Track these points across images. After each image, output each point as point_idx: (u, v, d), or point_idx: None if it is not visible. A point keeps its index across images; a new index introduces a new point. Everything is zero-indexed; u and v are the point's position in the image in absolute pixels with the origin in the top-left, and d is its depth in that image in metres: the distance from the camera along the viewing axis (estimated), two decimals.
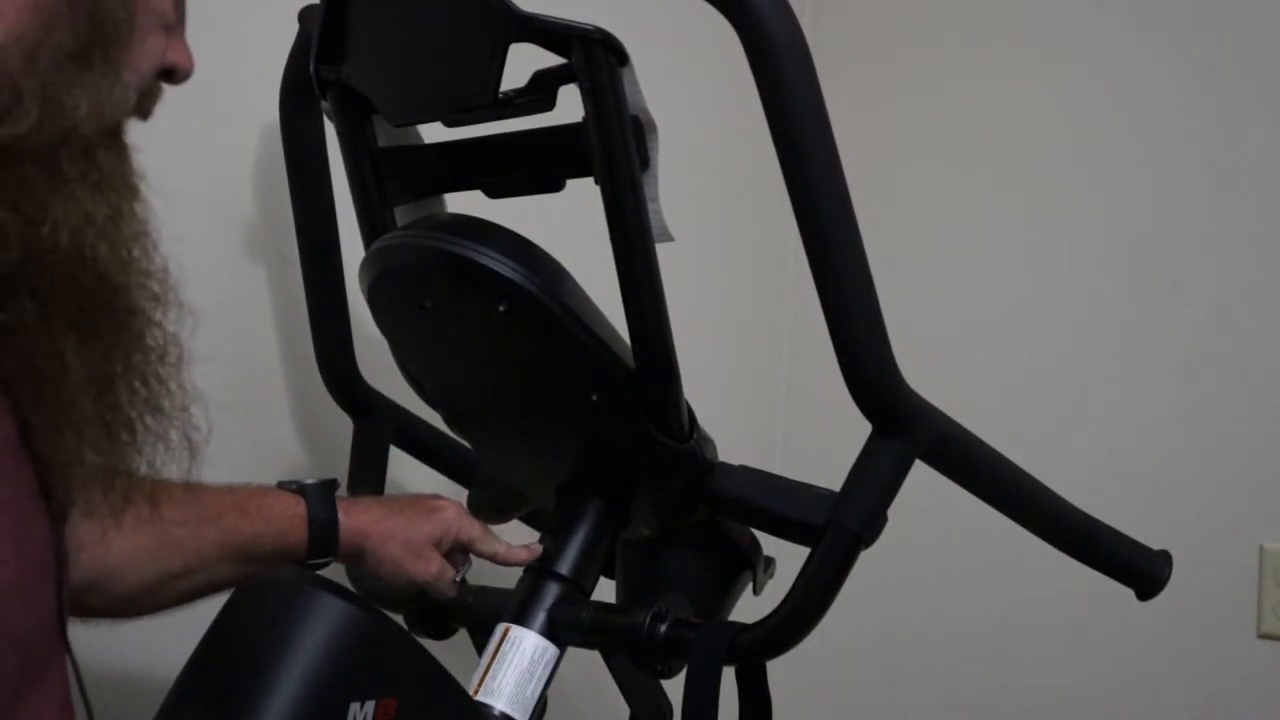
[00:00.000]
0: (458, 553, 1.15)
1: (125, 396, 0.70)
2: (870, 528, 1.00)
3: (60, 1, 0.64)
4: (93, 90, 0.65)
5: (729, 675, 1.03)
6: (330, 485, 1.10)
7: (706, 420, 1.11)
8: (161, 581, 1.01)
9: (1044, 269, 1.91)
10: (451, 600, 1.21)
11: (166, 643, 1.04)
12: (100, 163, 0.67)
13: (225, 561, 1.03)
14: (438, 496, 1.17)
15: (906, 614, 1.93)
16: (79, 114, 0.65)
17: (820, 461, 1.12)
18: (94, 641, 1.17)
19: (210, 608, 0.92)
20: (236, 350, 1.36)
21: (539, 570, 1.10)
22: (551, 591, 1.08)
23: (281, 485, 1.10)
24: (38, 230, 0.63)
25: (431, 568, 1.11)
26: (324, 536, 1.07)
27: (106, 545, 0.96)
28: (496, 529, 1.19)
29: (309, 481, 1.10)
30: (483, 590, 1.22)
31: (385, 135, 1.13)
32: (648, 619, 1.04)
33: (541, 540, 1.13)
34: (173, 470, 0.78)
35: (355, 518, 1.09)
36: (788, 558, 1.12)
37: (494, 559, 1.14)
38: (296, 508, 1.07)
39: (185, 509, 1.00)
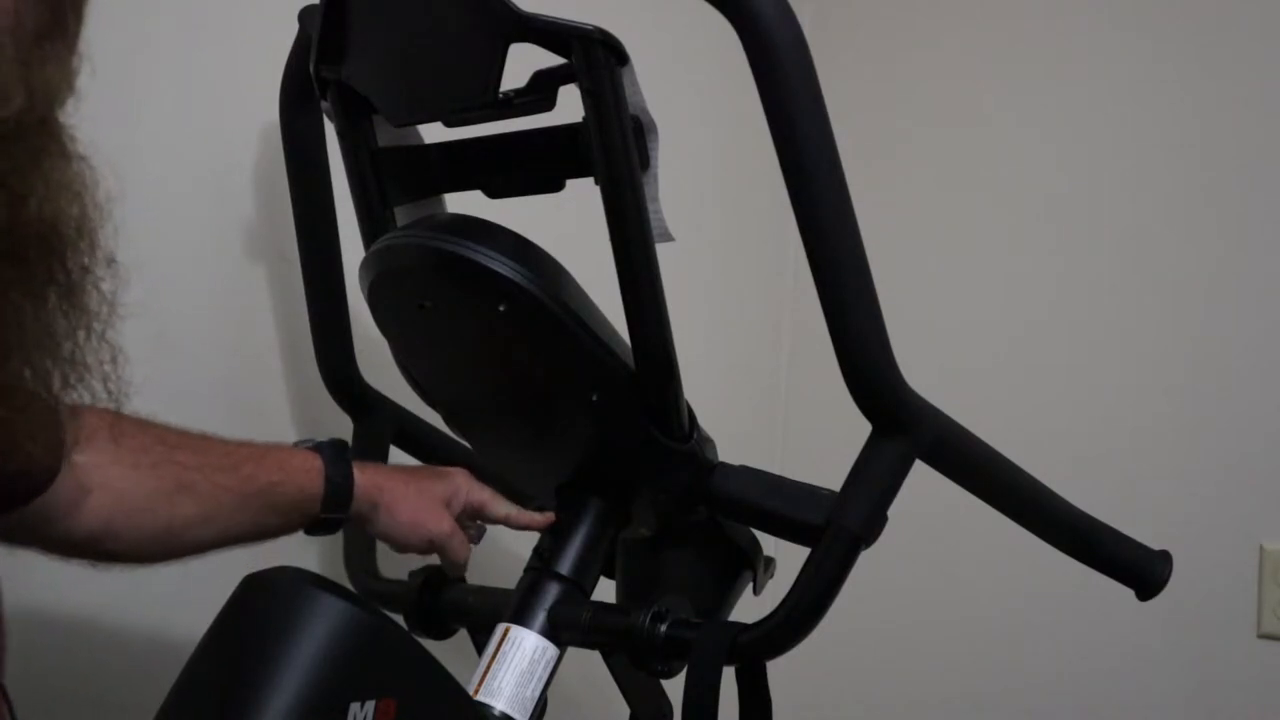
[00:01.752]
0: (469, 522, 1.16)
1: (67, 348, 0.72)
2: (870, 528, 1.00)
3: None
4: (58, 66, 0.67)
5: (729, 675, 1.03)
6: (343, 444, 1.11)
7: (706, 420, 1.11)
8: (176, 527, 1.00)
9: (1044, 269, 1.91)
10: (451, 600, 1.21)
11: (166, 641, 1.04)
12: (59, 132, 0.69)
13: (241, 509, 1.03)
14: (446, 467, 1.18)
15: (906, 614, 1.93)
16: (53, 91, 0.67)
17: (820, 461, 1.12)
18: (95, 640, 1.17)
19: (209, 608, 0.92)
20: (236, 350, 1.36)
21: (539, 570, 1.10)
22: (551, 591, 1.08)
23: (297, 444, 1.11)
24: (25, 205, 0.65)
25: (444, 524, 1.12)
26: (339, 490, 1.08)
27: (117, 489, 0.96)
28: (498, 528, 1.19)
29: (323, 440, 1.10)
30: (483, 590, 1.22)
31: (385, 135, 1.13)
32: (648, 619, 1.04)
33: (541, 540, 1.13)
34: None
35: (369, 475, 1.10)
36: (788, 558, 1.12)
37: (506, 522, 1.15)
38: (313, 461, 1.07)
39: (200, 455, 1.01)
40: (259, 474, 1.04)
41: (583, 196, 1.04)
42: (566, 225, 1.18)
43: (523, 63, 0.99)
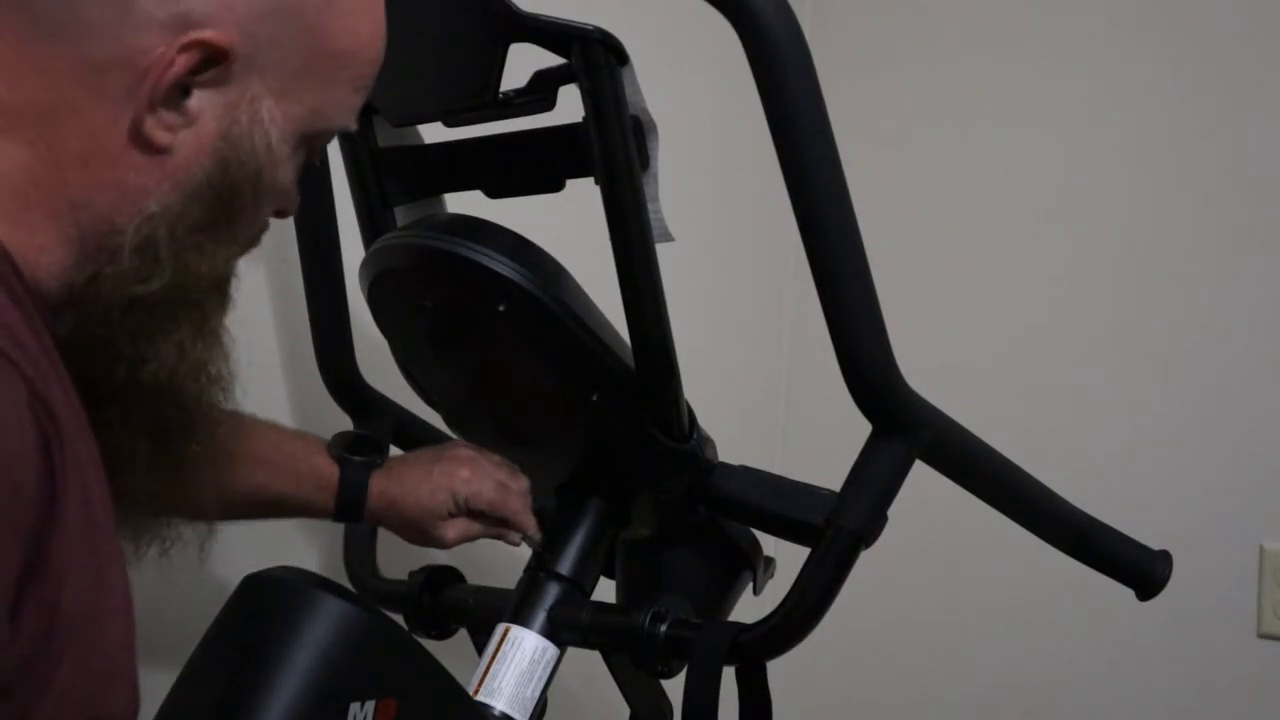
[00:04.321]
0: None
1: (166, 487, 0.83)
2: (870, 528, 1.01)
3: (203, 184, 0.75)
4: (212, 257, 0.77)
5: (729, 675, 1.03)
6: (369, 465, 1.13)
7: (706, 420, 1.11)
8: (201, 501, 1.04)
9: (1044, 269, 1.91)
10: (451, 600, 1.21)
11: (166, 641, 1.04)
12: (207, 313, 0.79)
13: (250, 506, 1.09)
14: (460, 453, 1.16)
15: (906, 614, 1.93)
16: (199, 275, 0.77)
17: (820, 461, 1.12)
18: None
19: (210, 607, 0.92)
20: (236, 350, 1.36)
21: (539, 570, 1.10)
22: (551, 591, 1.08)
23: (334, 439, 1.14)
24: (145, 366, 0.76)
25: (449, 534, 1.14)
26: (349, 507, 1.12)
27: None
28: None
29: (356, 459, 1.12)
30: (483, 590, 1.22)
31: (385, 135, 1.13)
32: (648, 619, 1.04)
33: (542, 540, 1.13)
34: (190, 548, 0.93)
35: (382, 488, 1.13)
36: (788, 558, 1.12)
37: (510, 519, 1.16)
38: (330, 476, 1.11)
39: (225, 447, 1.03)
40: (272, 484, 1.09)
41: (583, 196, 1.04)
42: (566, 225, 1.18)
43: (523, 63, 0.99)
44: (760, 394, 2.12)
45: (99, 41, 0.71)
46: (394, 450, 1.34)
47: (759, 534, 1.17)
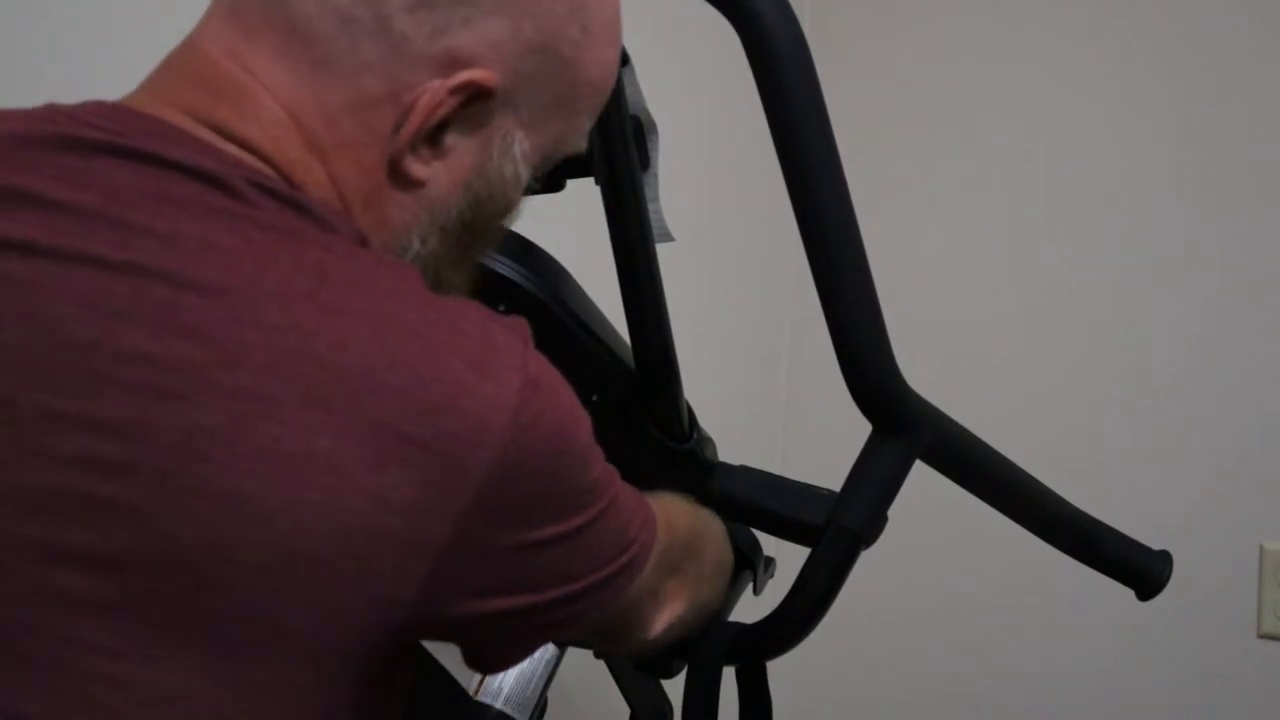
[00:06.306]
0: None
1: None
2: (870, 528, 1.00)
3: (456, 221, 0.75)
4: (461, 290, 0.79)
5: (729, 675, 1.03)
6: None
7: (706, 420, 1.11)
8: None
9: (1044, 268, 1.91)
10: None
11: None
12: None
13: None
14: None
15: (906, 614, 1.93)
16: None
17: (820, 461, 1.12)
18: None
19: None
20: None
21: None
22: None
23: None
24: None
25: None
26: None
27: None
28: None
29: None
30: None
31: None
32: None
33: None
34: None
35: None
36: (788, 558, 1.12)
37: None
38: None
39: None
40: None
41: (583, 197, 1.04)
42: (566, 225, 1.18)
43: None
44: (760, 394, 2.12)
45: (373, 77, 0.69)
46: None
47: (759, 534, 1.17)
